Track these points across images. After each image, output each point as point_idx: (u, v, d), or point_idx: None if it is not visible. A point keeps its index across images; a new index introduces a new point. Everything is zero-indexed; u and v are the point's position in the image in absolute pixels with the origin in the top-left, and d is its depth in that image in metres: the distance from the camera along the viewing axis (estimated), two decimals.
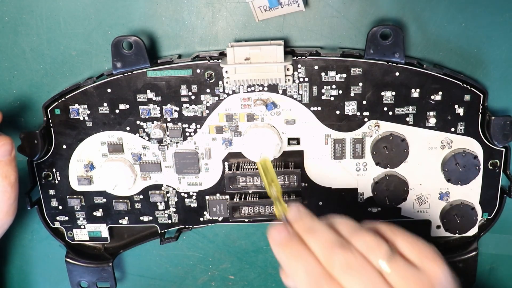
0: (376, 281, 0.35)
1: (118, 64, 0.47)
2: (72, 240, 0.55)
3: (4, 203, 0.46)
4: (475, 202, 0.51)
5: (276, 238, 0.38)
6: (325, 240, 0.37)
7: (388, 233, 0.38)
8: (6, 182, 0.46)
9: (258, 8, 0.47)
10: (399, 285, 0.35)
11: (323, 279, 0.35)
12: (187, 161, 0.51)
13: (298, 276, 0.37)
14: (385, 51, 0.46)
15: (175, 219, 0.54)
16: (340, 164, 0.50)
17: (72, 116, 0.49)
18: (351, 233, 0.38)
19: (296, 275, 0.37)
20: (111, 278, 0.55)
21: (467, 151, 0.48)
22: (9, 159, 0.45)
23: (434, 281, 0.36)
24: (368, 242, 0.37)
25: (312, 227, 0.38)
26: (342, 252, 0.36)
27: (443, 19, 0.47)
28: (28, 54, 0.50)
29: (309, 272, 0.36)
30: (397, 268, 0.36)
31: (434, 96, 0.47)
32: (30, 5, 0.48)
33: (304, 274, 0.36)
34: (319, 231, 0.38)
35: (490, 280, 0.57)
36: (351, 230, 0.38)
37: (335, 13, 0.48)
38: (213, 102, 0.49)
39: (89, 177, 0.52)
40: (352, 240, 0.37)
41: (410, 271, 0.36)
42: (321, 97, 0.48)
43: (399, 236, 0.38)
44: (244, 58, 0.46)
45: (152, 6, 0.48)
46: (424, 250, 0.37)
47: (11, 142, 0.45)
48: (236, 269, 0.59)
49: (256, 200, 0.51)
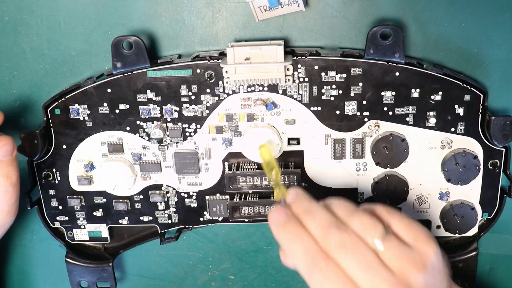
0: (370, 258, 0.37)
1: (118, 64, 0.47)
2: (72, 240, 0.55)
3: (5, 203, 0.46)
4: (475, 202, 0.51)
5: (275, 219, 0.40)
6: (321, 221, 0.39)
7: (384, 214, 0.40)
8: (8, 182, 0.46)
9: (258, 8, 0.47)
10: (392, 262, 0.37)
11: (320, 257, 0.37)
12: (187, 161, 0.51)
13: (296, 255, 0.38)
14: (385, 51, 0.46)
15: (175, 219, 0.54)
16: (340, 164, 0.50)
17: (72, 116, 0.49)
18: (348, 214, 0.39)
19: (294, 254, 0.38)
20: (111, 278, 0.55)
21: (467, 151, 0.48)
22: (10, 159, 0.45)
23: (426, 261, 0.38)
24: (364, 222, 0.38)
25: (310, 209, 0.40)
26: (337, 232, 0.38)
27: (443, 19, 0.47)
28: (28, 54, 0.50)
29: (306, 251, 0.38)
30: (391, 247, 0.37)
31: (434, 96, 0.47)
32: (30, 5, 0.48)
33: (302, 253, 0.38)
34: (316, 212, 0.40)
35: (490, 280, 0.57)
36: (347, 211, 0.40)
37: (335, 13, 0.48)
38: (213, 102, 0.49)
39: (89, 177, 0.52)
40: (348, 221, 0.39)
41: (403, 250, 0.37)
42: (321, 97, 0.48)
43: (395, 217, 0.40)
44: (244, 58, 0.46)
45: (152, 6, 0.48)
46: (418, 232, 0.39)
47: (12, 142, 0.45)
48: (236, 269, 0.59)
49: (256, 200, 0.51)
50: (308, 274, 0.38)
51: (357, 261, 0.37)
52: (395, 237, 0.38)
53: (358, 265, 0.36)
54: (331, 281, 0.37)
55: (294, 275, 0.59)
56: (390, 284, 0.36)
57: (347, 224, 0.39)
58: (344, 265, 0.37)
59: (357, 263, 0.36)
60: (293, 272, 0.58)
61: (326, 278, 0.37)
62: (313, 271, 0.37)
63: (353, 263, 0.37)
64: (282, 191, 0.42)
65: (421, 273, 0.37)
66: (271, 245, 0.57)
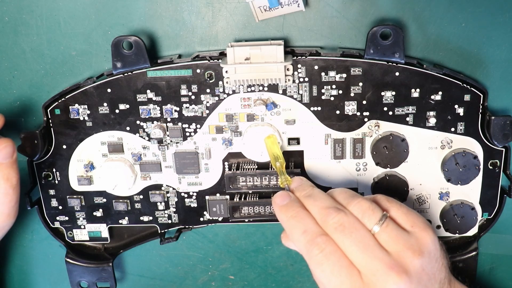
0: (367, 240, 0.38)
1: (118, 64, 0.47)
2: (72, 240, 0.55)
3: (5, 205, 0.46)
4: (475, 202, 0.51)
5: (278, 202, 0.43)
6: (322, 204, 0.41)
7: (383, 202, 0.42)
8: (8, 185, 0.46)
9: (258, 8, 0.47)
10: (389, 245, 0.38)
11: (319, 237, 0.39)
12: (187, 161, 0.51)
13: (296, 234, 0.40)
14: (385, 51, 0.46)
15: (175, 219, 0.54)
16: (340, 164, 0.50)
17: (72, 116, 0.49)
18: (348, 199, 0.41)
19: (295, 234, 0.41)
20: (111, 278, 0.55)
21: (467, 151, 0.48)
22: (10, 162, 0.45)
23: (423, 246, 0.39)
24: (363, 207, 0.40)
25: (312, 194, 0.43)
26: (336, 214, 0.40)
27: (443, 19, 0.47)
28: (28, 54, 0.50)
29: (306, 230, 0.40)
30: (388, 230, 0.39)
31: (434, 96, 0.47)
32: (30, 5, 0.48)
33: (302, 232, 0.40)
34: (317, 196, 0.42)
35: (490, 280, 0.57)
36: (348, 196, 0.42)
37: (335, 13, 0.48)
38: (213, 102, 0.49)
39: (89, 177, 0.52)
40: (348, 206, 0.41)
41: (400, 234, 0.39)
42: (321, 97, 0.48)
43: (394, 204, 0.42)
44: (244, 58, 0.46)
45: (152, 6, 0.48)
46: (416, 219, 0.41)
47: (12, 145, 0.45)
48: (236, 269, 0.59)
49: (256, 200, 0.51)
50: (307, 252, 0.39)
51: (354, 241, 0.38)
52: (393, 222, 0.40)
53: (355, 245, 0.38)
54: (328, 259, 0.38)
55: (294, 275, 0.59)
56: (386, 265, 0.37)
57: (347, 208, 0.41)
58: (341, 245, 0.38)
59: (354, 243, 0.38)
60: (293, 272, 0.59)
61: (324, 256, 0.38)
62: (312, 250, 0.39)
63: (350, 243, 0.38)
64: (287, 178, 0.45)
65: (417, 258, 0.38)
66: (271, 245, 0.57)
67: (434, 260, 0.39)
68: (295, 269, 0.59)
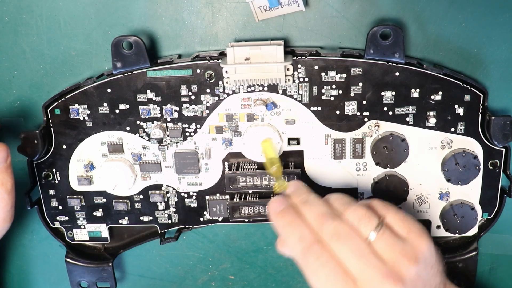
0: (363, 248, 0.38)
1: (118, 64, 0.47)
2: (72, 240, 0.55)
3: (1, 210, 0.46)
4: (475, 202, 0.51)
5: (274, 208, 0.42)
6: (318, 211, 0.40)
7: (380, 208, 0.41)
8: (3, 189, 0.45)
9: (258, 8, 0.47)
10: (385, 253, 0.38)
11: (314, 244, 0.38)
12: (187, 161, 0.51)
13: (292, 241, 0.40)
14: (385, 51, 0.46)
15: (175, 219, 0.54)
16: (340, 164, 0.50)
17: (72, 116, 0.49)
18: (344, 206, 0.41)
19: (290, 241, 0.40)
20: (111, 278, 0.55)
21: (467, 151, 0.48)
22: (5, 166, 0.45)
23: (418, 254, 0.38)
24: (359, 214, 0.40)
25: (308, 200, 0.42)
26: (332, 222, 0.39)
27: (443, 19, 0.47)
28: (28, 54, 0.50)
29: (301, 238, 0.39)
30: (384, 238, 0.38)
31: (434, 96, 0.47)
32: (30, 5, 0.48)
33: (297, 239, 0.39)
34: (313, 203, 0.41)
35: (490, 280, 0.57)
36: (344, 203, 0.41)
37: (335, 13, 0.48)
38: (213, 102, 0.49)
39: (89, 177, 0.52)
40: (344, 212, 0.40)
41: (396, 241, 0.39)
42: (321, 97, 0.48)
43: (390, 211, 0.41)
44: (244, 58, 0.46)
45: (152, 6, 0.48)
46: (412, 225, 0.40)
47: (6, 149, 0.45)
48: (236, 269, 0.59)
49: (256, 200, 0.51)
50: (303, 260, 0.39)
51: (349, 249, 0.38)
52: (389, 229, 0.39)
53: (350, 253, 0.38)
54: (324, 267, 0.38)
55: (294, 275, 0.59)
56: (381, 273, 0.37)
57: (342, 215, 0.40)
58: (337, 253, 0.38)
59: (350, 251, 0.38)
60: (293, 272, 0.59)
61: (319, 263, 0.38)
62: (307, 257, 0.38)
63: (345, 251, 0.38)
64: (283, 183, 0.45)
65: (413, 265, 0.38)
66: (271, 245, 0.57)
67: (430, 266, 0.39)
68: (295, 269, 0.58)
